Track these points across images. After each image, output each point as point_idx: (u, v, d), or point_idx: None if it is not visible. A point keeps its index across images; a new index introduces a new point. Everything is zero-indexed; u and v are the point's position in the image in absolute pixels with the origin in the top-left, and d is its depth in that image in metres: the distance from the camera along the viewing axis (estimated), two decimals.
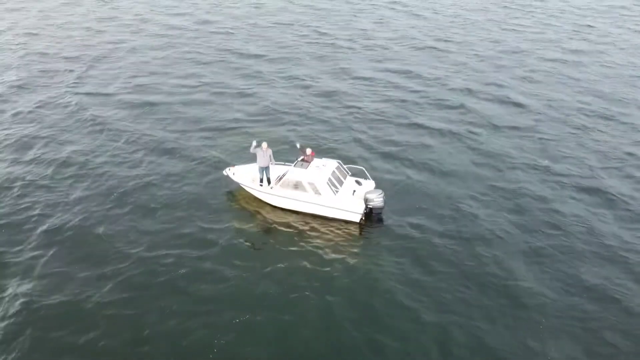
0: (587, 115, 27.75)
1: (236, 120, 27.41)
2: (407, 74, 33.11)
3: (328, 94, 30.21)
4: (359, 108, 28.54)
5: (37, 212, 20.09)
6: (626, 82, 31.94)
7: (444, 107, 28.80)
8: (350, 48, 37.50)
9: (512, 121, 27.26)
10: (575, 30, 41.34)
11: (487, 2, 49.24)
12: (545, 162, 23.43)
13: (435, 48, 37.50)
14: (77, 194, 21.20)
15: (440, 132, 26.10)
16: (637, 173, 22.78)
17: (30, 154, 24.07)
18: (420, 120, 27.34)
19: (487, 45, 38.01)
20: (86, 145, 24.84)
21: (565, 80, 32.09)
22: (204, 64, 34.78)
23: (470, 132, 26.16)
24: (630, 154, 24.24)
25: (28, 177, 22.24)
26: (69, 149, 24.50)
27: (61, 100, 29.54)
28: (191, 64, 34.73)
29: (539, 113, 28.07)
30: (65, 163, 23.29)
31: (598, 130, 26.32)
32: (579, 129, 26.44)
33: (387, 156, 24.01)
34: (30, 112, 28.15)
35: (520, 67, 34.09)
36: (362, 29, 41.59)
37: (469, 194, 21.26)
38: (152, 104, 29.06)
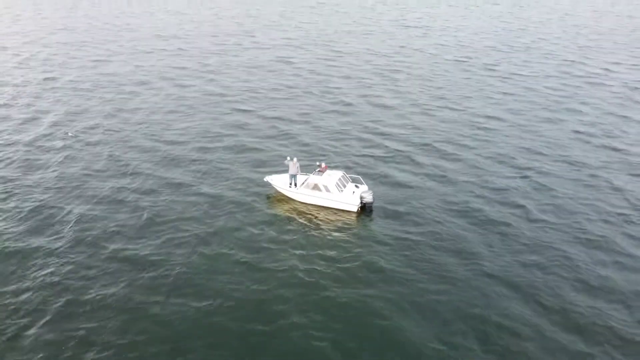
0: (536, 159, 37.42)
1: (272, 150, 37.63)
2: (400, 127, 43.39)
3: (339, 134, 40.44)
4: (363, 150, 38.64)
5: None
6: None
7: (429, 150, 38.73)
8: (360, 105, 48.15)
9: (472, 161, 37.01)
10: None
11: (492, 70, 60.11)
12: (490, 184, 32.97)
13: (430, 107, 47.93)
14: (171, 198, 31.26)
15: (421, 165, 35.91)
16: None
17: (110, 178, 34.28)
18: (407, 156, 37.27)
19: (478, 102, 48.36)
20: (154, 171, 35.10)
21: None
22: (245, 111, 45.59)
23: (453, 175, 35.92)
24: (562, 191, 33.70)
25: (126, 197, 32.31)
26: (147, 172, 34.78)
27: (131, 136, 40.17)
28: (236, 111, 45.53)
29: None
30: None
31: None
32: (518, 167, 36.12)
33: (379, 174, 33.80)
34: (100, 145, 38.72)
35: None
36: (377, 92, 52.41)
37: (434, 203, 30.79)
38: (205, 144, 39.51)
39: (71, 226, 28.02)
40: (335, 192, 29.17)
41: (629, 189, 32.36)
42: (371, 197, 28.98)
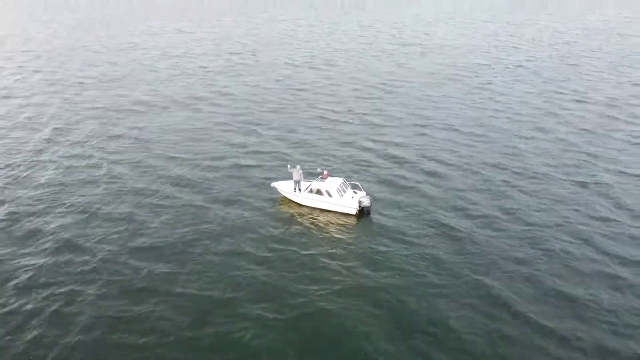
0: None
1: (274, 168, 40.36)
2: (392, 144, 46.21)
3: (336, 151, 43.23)
4: (358, 165, 41.42)
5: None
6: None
7: (419, 165, 41.49)
8: (357, 124, 51.04)
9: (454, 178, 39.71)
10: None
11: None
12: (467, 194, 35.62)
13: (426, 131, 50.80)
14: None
15: (409, 179, 38.64)
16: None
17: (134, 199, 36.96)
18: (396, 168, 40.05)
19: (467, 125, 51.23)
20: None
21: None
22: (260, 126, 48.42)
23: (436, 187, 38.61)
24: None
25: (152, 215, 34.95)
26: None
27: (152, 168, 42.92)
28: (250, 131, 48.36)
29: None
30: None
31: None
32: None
33: (372, 189, 36.49)
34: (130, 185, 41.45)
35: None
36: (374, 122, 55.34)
37: (424, 214, 33.45)
38: (216, 163, 42.25)
39: (78, 239, 29.96)
40: (336, 197, 31.80)
41: (603, 204, 35.05)
42: (369, 201, 31.61)
